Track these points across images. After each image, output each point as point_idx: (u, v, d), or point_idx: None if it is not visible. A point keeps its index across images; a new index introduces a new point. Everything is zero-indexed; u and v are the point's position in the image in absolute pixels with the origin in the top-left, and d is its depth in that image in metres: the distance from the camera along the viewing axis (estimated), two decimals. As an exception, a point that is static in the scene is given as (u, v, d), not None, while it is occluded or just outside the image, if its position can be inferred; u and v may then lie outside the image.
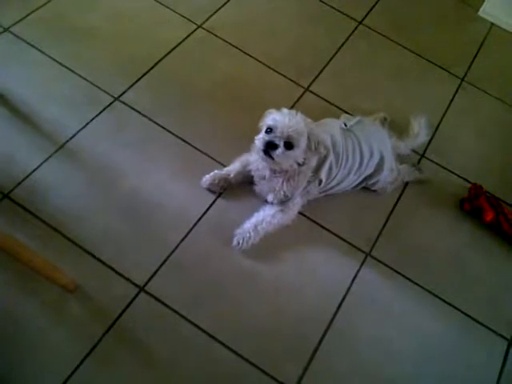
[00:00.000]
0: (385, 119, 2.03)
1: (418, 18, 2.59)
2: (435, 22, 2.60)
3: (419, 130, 2.00)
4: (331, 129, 1.73)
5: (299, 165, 1.59)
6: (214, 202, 1.78)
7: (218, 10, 2.35)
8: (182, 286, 1.60)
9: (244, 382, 1.47)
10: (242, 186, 1.79)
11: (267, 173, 1.65)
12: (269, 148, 1.52)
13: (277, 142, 1.51)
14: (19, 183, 1.70)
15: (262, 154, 1.55)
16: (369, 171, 1.78)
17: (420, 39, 2.47)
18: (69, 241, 1.61)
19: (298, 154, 1.55)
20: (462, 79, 2.36)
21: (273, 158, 1.53)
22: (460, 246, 1.85)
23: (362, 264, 1.74)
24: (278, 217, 1.69)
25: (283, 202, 1.70)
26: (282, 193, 1.67)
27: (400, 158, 1.95)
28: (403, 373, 1.57)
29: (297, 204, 1.72)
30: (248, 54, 2.23)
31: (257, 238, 1.67)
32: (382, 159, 1.77)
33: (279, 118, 1.53)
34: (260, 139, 1.55)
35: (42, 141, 1.81)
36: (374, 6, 2.56)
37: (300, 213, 1.77)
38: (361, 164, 1.74)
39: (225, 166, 1.82)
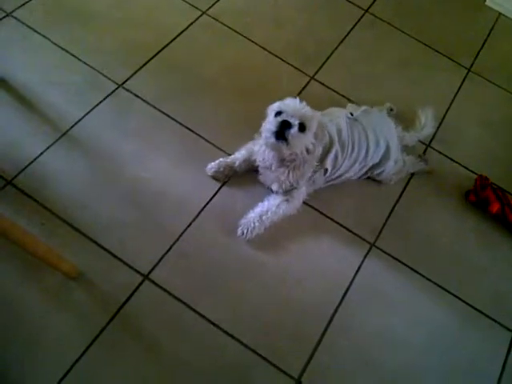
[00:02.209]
0: (391, 110, 2.01)
1: (425, 8, 2.56)
2: (442, 12, 2.57)
3: (426, 122, 1.98)
4: (337, 118, 1.71)
5: (307, 152, 1.57)
6: (218, 190, 1.77)
7: (223, -3, 2.33)
8: (186, 274, 1.59)
9: (248, 371, 1.47)
10: (247, 175, 1.78)
11: (274, 163, 1.62)
12: (283, 128, 1.47)
13: (291, 121, 1.47)
14: (22, 170, 1.69)
15: (273, 139, 1.49)
16: (375, 161, 1.77)
17: (427, 29, 2.45)
18: (72, 228, 1.61)
19: (309, 137, 1.52)
20: (469, 69, 2.34)
21: (286, 140, 1.48)
22: (465, 238, 1.84)
23: (367, 254, 1.73)
24: (283, 207, 1.68)
25: (288, 191, 1.69)
26: (288, 182, 1.65)
27: (406, 149, 1.93)
28: (407, 364, 1.56)
29: (302, 194, 1.71)
30: (253, 42, 2.21)
31: (261, 228, 1.66)
32: (388, 149, 1.75)
33: (290, 103, 1.51)
34: (271, 122, 1.50)
35: (45, 127, 1.80)
36: (380, -6, 2.53)
37: (305, 203, 1.76)
38: (367, 153, 1.73)
39: (229, 155, 1.81)
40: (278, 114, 1.51)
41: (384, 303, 1.65)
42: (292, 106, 1.50)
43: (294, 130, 1.47)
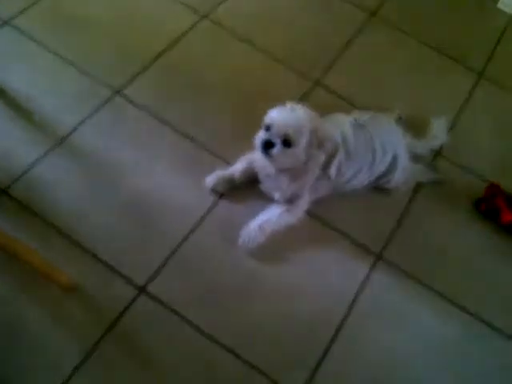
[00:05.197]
0: (399, 118, 1.95)
1: (434, 11, 2.51)
2: (452, 15, 2.51)
3: (438, 131, 1.94)
4: (341, 123, 1.67)
5: (307, 160, 1.54)
6: (218, 200, 1.73)
7: (224, 1, 2.30)
8: (184, 286, 1.56)
9: (248, 388, 1.43)
10: (247, 185, 1.74)
11: (273, 171, 1.60)
12: (266, 147, 1.49)
13: (274, 141, 1.48)
14: (17, 178, 1.67)
15: (260, 153, 1.52)
16: (381, 169, 1.72)
17: (436, 32, 2.40)
18: (68, 239, 1.58)
19: (298, 152, 1.50)
20: (481, 74, 2.28)
21: (271, 157, 1.50)
22: (475, 248, 1.78)
23: (373, 266, 1.68)
24: (285, 216, 1.65)
25: (290, 200, 1.65)
26: (289, 192, 1.62)
27: (415, 157, 1.87)
28: (414, 378, 1.51)
29: (304, 203, 1.67)
30: (255, 46, 2.17)
31: (262, 238, 1.63)
32: (395, 157, 1.71)
33: (277, 116, 1.49)
34: (259, 137, 1.52)
35: (41, 135, 1.78)
36: (387, -3, 2.49)
37: (309, 212, 1.71)
38: (373, 160, 1.68)
39: (229, 164, 1.77)
40: (268, 127, 1.50)
41: (391, 316, 1.60)
42: (278, 121, 1.48)
43: (276, 149, 1.48)
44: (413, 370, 1.52)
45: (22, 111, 1.82)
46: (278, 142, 1.48)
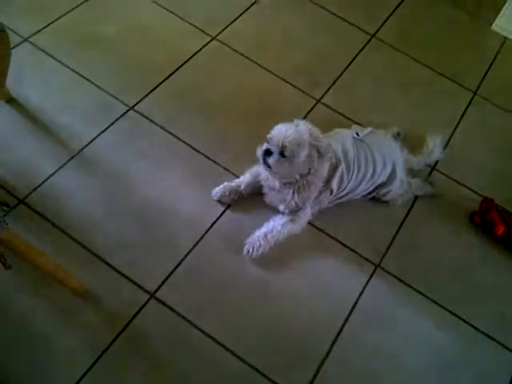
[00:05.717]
0: (398, 134, 2.03)
1: (431, 32, 2.60)
2: (448, 37, 2.60)
3: (434, 148, 2.01)
4: (342, 138, 1.74)
5: (306, 174, 1.61)
6: (224, 211, 1.79)
7: (232, 22, 2.39)
8: (192, 293, 1.61)
9: (252, 391, 1.48)
10: (253, 197, 1.80)
11: (277, 184, 1.67)
12: (266, 155, 1.57)
13: (272, 151, 1.55)
14: (34, 189, 1.73)
15: (261, 164, 1.60)
16: (382, 180, 1.79)
17: (433, 53, 2.48)
18: (81, 246, 1.64)
19: (296, 163, 1.56)
20: (475, 93, 2.36)
21: (270, 166, 1.57)
22: (470, 260, 1.84)
23: (372, 275, 1.74)
24: (288, 226, 1.71)
25: (294, 211, 1.71)
26: (294, 203, 1.68)
27: (411, 172, 1.95)
28: (411, 381, 1.56)
29: (307, 214, 1.73)
30: (261, 66, 2.25)
31: (267, 247, 1.68)
32: (394, 169, 1.77)
33: (278, 129, 1.56)
34: (260, 149, 1.60)
35: (57, 148, 1.85)
36: (387, 20, 2.58)
37: (310, 223, 1.78)
38: (374, 172, 1.75)
39: (236, 176, 1.84)
40: (269, 140, 1.57)
41: (389, 324, 1.66)
42: (277, 134, 1.55)
43: (273, 158, 1.55)
44: (407, 374, 1.57)
45: (39, 124, 1.89)
46: (276, 152, 1.54)
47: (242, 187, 1.79)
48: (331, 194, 1.73)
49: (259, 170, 1.76)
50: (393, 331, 1.64)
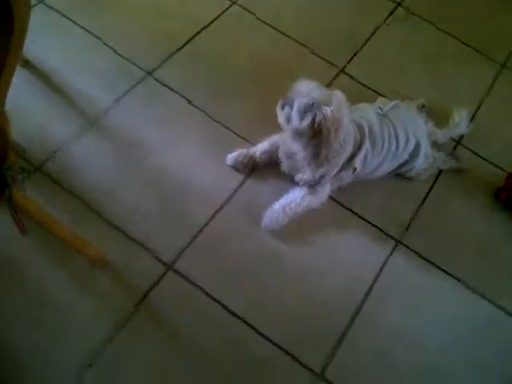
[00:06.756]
0: (423, 106, 1.98)
1: (459, 2, 2.50)
2: (476, 6, 2.50)
3: (460, 121, 1.95)
4: (366, 114, 1.69)
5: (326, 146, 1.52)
6: (242, 182, 1.76)
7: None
8: (210, 265, 1.60)
9: (269, 365, 1.47)
10: (272, 167, 1.76)
11: (293, 148, 1.60)
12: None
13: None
14: (51, 156, 1.71)
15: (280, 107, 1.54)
16: (404, 157, 1.74)
17: (460, 23, 2.39)
18: (98, 215, 1.62)
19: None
20: (503, 65, 2.28)
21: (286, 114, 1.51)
22: (494, 236, 1.80)
23: (393, 251, 1.71)
24: (307, 199, 1.67)
25: (313, 185, 1.67)
26: (314, 176, 1.62)
27: (436, 145, 1.90)
28: (431, 363, 1.54)
29: (327, 188, 1.69)
30: (282, 33, 2.19)
31: (285, 220, 1.66)
32: (417, 145, 1.72)
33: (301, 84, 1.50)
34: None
35: (74, 114, 1.82)
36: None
37: (330, 197, 1.74)
38: (396, 150, 1.70)
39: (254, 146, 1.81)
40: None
41: (409, 301, 1.63)
42: (305, 87, 1.48)
43: (296, 105, 1.47)
44: (426, 354, 1.55)
45: (55, 88, 1.86)
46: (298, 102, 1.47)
47: (258, 154, 1.75)
48: (354, 172, 1.67)
49: (277, 139, 1.72)
50: (413, 310, 1.62)
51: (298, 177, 1.68)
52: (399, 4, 2.41)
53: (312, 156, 1.55)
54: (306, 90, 1.47)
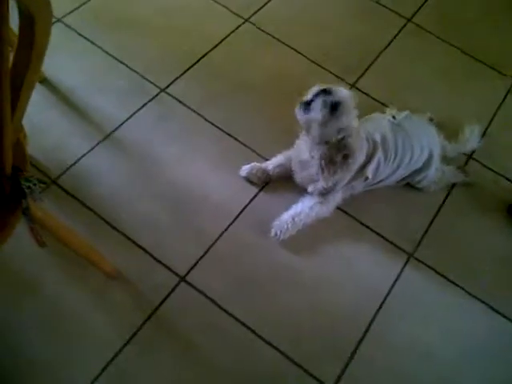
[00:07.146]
0: (430, 119, 1.98)
1: (469, 17, 2.51)
2: (487, 22, 2.51)
3: (470, 137, 1.95)
4: (379, 124, 1.70)
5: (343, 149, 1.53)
6: (256, 195, 1.78)
7: (265, 4, 2.35)
8: (223, 277, 1.60)
9: (282, 378, 1.46)
10: (286, 181, 1.77)
11: (309, 152, 1.60)
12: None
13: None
14: (66, 169, 1.73)
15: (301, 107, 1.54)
16: (417, 165, 1.73)
17: (471, 38, 2.40)
18: (112, 228, 1.64)
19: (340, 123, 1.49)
20: (515, 80, 2.29)
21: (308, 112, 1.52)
22: (508, 252, 1.78)
23: (405, 265, 1.70)
24: (316, 209, 1.67)
25: (323, 194, 1.67)
26: (325, 185, 1.61)
27: (445, 160, 1.89)
28: (443, 378, 1.52)
29: (337, 197, 1.70)
30: (294, 49, 2.22)
31: (294, 230, 1.66)
32: (431, 155, 1.72)
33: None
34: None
35: (89, 129, 1.85)
36: (424, 3, 2.50)
37: (341, 209, 1.75)
38: (411, 159, 1.70)
39: (267, 160, 1.82)
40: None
41: (422, 315, 1.62)
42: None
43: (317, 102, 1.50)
44: (439, 369, 1.53)
45: (71, 105, 1.89)
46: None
47: (271, 167, 1.76)
48: (365, 180, 1.68)
49: (291, 153, 1.73)
50: (426, 324, 1.60)
51: (311, 187, 1.68)
52: (409, 20, 2.43)
53: (328, 161, 1.55)
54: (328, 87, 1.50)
